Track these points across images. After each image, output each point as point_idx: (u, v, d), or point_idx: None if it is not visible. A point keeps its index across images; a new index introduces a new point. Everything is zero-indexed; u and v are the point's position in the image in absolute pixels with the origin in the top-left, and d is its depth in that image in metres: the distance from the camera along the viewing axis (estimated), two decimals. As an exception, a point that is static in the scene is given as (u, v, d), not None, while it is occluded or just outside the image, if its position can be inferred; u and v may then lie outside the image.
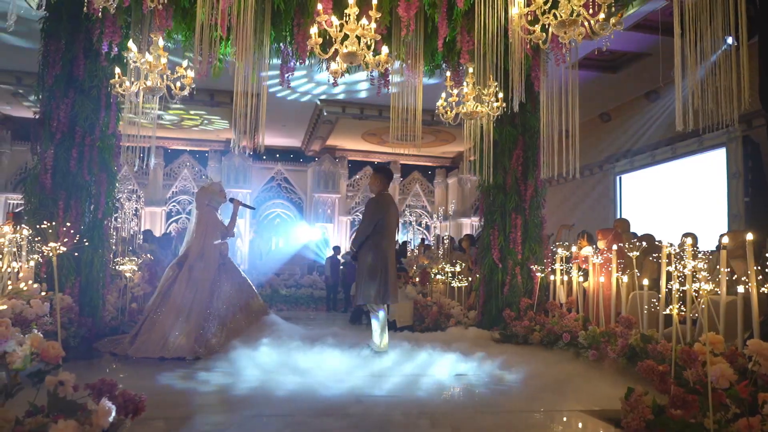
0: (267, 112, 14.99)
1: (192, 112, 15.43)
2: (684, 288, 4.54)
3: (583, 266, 6.50)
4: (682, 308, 4.44)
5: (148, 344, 5.67)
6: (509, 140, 7.60)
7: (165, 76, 5.87)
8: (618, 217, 13.53)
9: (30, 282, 5.62)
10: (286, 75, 7.35)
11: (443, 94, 6.40)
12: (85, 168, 6.57)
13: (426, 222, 19.41)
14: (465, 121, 6.60)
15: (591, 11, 4.41)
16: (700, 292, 4.33)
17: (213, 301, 6.06)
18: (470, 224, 18.00)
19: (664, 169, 12.70)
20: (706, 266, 4.64)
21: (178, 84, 6.02)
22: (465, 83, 6.25)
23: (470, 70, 6.22)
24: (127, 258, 7.56)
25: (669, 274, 4.70)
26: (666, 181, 12.60)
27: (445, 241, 9.18)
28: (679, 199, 11.94)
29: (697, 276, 4.42)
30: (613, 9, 4.31)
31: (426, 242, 11.70)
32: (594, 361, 5.37)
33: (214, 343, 5.79)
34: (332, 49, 4.95)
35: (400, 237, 14.05)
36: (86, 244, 6.35)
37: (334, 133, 16.64)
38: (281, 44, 7.05)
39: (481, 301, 7.76)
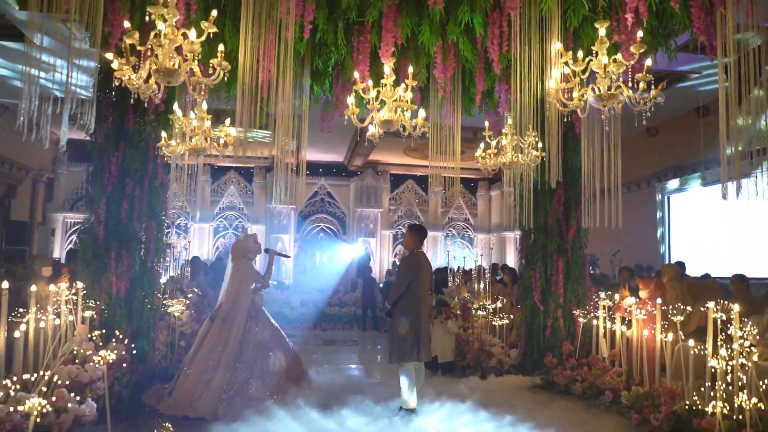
0: (309, 130, 15.13)
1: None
2: (732, 348, 4.45)
3: (626, 316, 6.40)
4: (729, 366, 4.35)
5: (177, 401, 5.85)
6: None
7: (208, 138, 6.04)
8: (666, 240, 13.19)
9: (85, 339, 5.88)
10: (326, 123, 7.47)
11: (482, 144, 6.38)
12: (135, 218, 6.82)
13: (469, 235, 19.32)
14: (504, 170, 6.57)
15: (630, 84, 4.35)
16: (749, 364, 4.23)
17: (242, 355, 6.17)
18: (513, 238, 17.82)
19: (717, 191, 12.30)
20: (756, 330, 4.53)
21: (222, 141, 6.19)
22: (504, 134, 6.22)
23: (509, 120, 6.19)
24: (175, 300, 7.79)
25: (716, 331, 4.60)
26: (720, 203, 12.20)
27: (486, 274, 9.13)
28: (735, 223, 11.57)
29: (745, 349, 4.33)
30: (653, 83, 4.24)
31: (466, 264, 11.59)
32: (638, 425, 5.29)
33: (237, 402, 5.88)
34: (369, 118, 5.02)
35: (442, 260, 13.99)
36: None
37: (377, 149, 16.72)
38: (322, 94, 7.16)
39: (523, 342, 7.72)
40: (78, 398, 4.79)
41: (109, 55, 3.91)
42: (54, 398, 4.53)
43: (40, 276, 6.39)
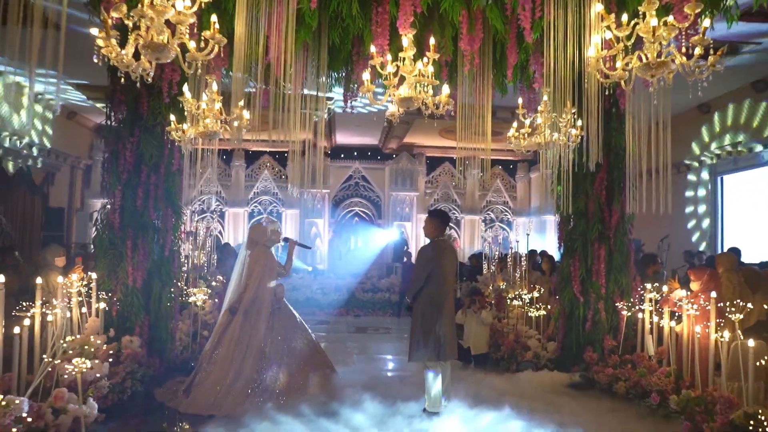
0: (340, 114, 14.71)
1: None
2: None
3: (675, 311, 5.79)
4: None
5: (198, 400, 5.50)
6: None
7: (220, 121, 5.65)
8: (719, 225, 12.31)
9: (96, 333, 5.63)
10: (349, 101, 7.02)
11: (515, 123, 5.83)
12: (151, 206, 6.52)
13: (508, 219, 18.64)
14: (540, 151, 6.00)
15: (684, 50, 3.75)
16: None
17: (267, 350, 5.83)
18: (555, 222, 17.08)
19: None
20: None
21: (235, 124, 5.80)
22: (539, 111, 5.65)
23: (545, 97, 5.61)
24: (197, 288, 7.52)
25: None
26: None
27: (522, 262, 8.56)
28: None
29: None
30: (712, 49, 3.63)
31: (505, 248, 10.98)
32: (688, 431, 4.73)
33: (264, 399, 5.53)
34: (386, 95, 4.54)
35: (477, 245, 13.33)
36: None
37: (411, 131, 16.20)
38: (341, 72, 6.69)
39: (561, 335, 7.17)
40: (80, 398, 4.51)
41: (94, 31, 3.52)
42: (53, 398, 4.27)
43: (53, 266, 6.16)
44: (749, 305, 4.79)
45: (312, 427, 4.92)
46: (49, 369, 4.41)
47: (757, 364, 4.50)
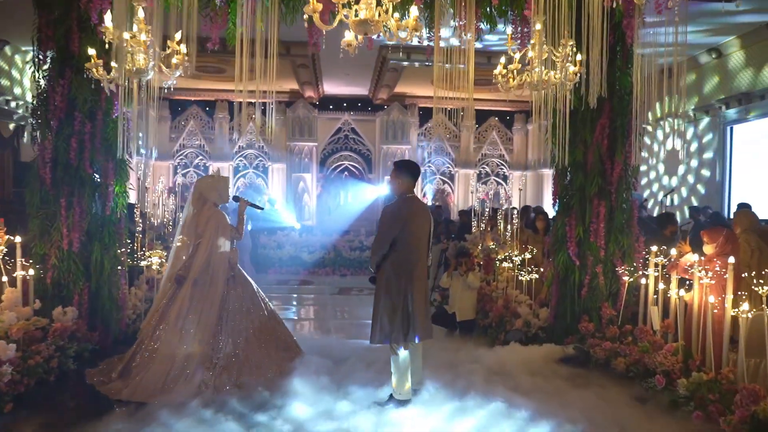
0: (326, 61, 13.62)
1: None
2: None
3: (687, 278, 4.97)
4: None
5: (143, 384, 4.72)
6: (591, 110, 5.98)
7: (154, 53, 4.70)
8: (727, 174, 11.41)
9: (14, 305, 4.84)
10: (315, 38, 6.04)
11: (502, 59, 4.89)
12: (86, 159, 5.65)
13: (504, 173, 17.71)
14: (532, 91, 5.07)
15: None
16: None
17: (222, 325, 5.05)
18: (551, 175, 16.18)
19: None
20: None
21: (174, 61, 4.84)
22: (531, 45, 4.70)
23: (537, 26, 4.64)
24: (152, 251, 6.70)
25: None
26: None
27: (514, 219, 7.71)
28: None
29: None
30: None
31: (499, 205, 10.06)
32: (700, 424, 3.97)
33: (223, 381, 4.79)
34: (337, 18, 3.61)
35: (470, 201, 12.39)
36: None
37: (402, 80, 15.10)
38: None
39: (554, 302, 6.38)
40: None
41: None
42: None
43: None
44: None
45: (264, 419, 4.19)
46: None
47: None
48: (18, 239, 5.15)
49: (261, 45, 5.16)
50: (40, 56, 5.70)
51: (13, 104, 12.79)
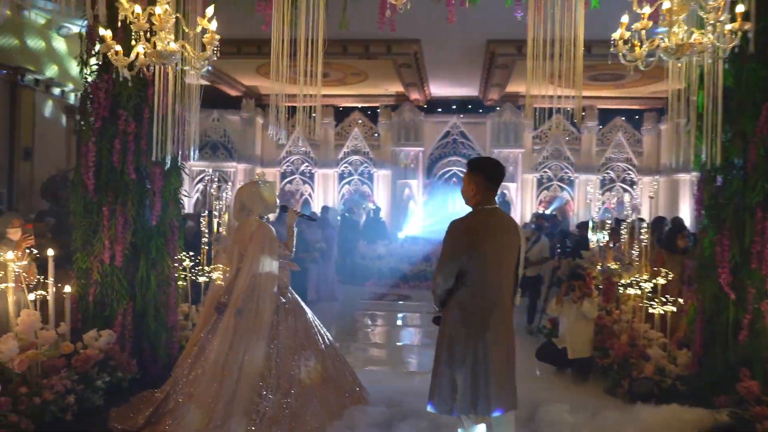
0: (431, 59, 12.50)
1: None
2: None
3: None
4: None
5: None
6: (754, 88, 4.38)
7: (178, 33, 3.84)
8: None
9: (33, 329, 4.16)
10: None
11: (624, 17, 3.49)
12: (130, 162, 4.95)
13: (631, 178, 15.58)
14: (670, 61, 3.64)
15: None
16: None
17: (271, 365, 4.07)
18: (689, 181, 13.87)
19: None
20: None
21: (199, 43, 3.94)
22: (667, -6, 3.27)
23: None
24: (212, 265, 5.93)
25: None
26: None
27: (643, 233, 6.11)
28: None
29: None
30: None
31: (624, 216, 8.24)
32: None
33: None
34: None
35: (591, 210, 10.58)
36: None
37: (514, 78, 13.64)
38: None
39: (698, 345, 4.79)
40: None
41: None
42: None
43: (7, 240, 4.77)
44: None
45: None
46: None
47: None
48: (50, 252, 4.51)
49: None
50: (88, 50, 5.12)
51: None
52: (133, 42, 3.67)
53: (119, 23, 3.67)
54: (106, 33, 3.68)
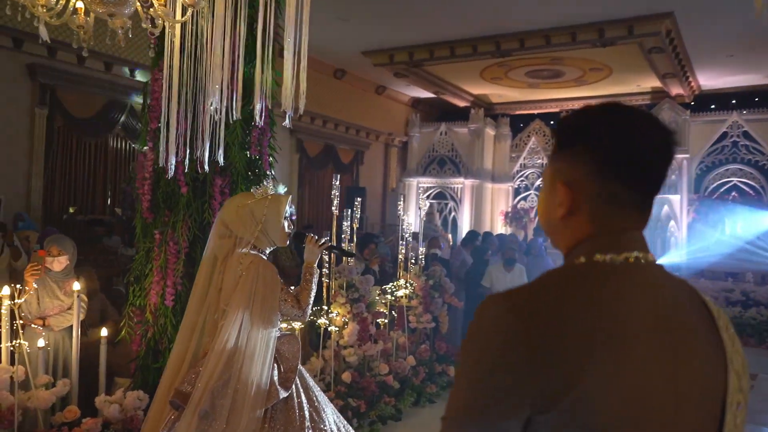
0: (693, 39, 9.38)
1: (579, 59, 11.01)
2: None
3: None
4: None
5: None
6: None
7: None
8: None
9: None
10: None
11: None
12: (181, 173, 3.78)
13: None
14: None
15: None
16: None
17: None
18: None
19: None
20: None
21: None
22: None
23: None
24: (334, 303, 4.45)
25: None
26: None
27: None
28: None
29: None
30: None
31: None
32: None
33: None
34: None
35: None
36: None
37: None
38: None
39: None
40: None
41: None
42: None
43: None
44: None
45: None
46: None
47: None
48: (77, 286, 3.54)
49: None
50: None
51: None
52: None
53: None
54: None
